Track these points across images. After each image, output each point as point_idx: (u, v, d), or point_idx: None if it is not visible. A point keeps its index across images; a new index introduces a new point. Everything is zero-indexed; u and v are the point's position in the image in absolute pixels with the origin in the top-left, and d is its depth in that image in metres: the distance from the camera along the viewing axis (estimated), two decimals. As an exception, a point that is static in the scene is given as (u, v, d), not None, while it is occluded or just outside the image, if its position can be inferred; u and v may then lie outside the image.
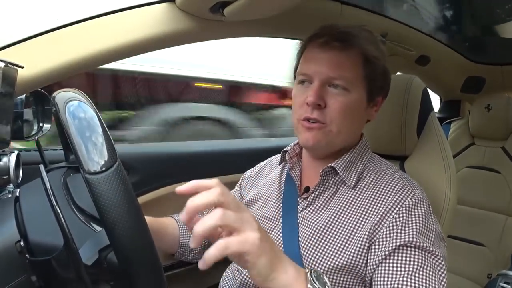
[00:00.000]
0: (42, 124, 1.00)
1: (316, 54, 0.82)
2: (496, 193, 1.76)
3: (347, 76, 0.79)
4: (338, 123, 0.79)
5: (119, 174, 0.48)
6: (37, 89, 0.94)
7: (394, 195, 0.76)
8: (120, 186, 0.47)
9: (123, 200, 0.47)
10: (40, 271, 0.60)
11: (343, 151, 0.86)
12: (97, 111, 0.53)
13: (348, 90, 0.79)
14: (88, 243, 0.56)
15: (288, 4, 0.96)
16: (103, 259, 0.55)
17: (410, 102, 0.99)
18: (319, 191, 0.85)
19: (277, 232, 0.86)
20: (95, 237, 0.57)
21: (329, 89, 0.79)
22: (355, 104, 0.80)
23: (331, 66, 0.79)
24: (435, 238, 0.73)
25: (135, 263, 0.47)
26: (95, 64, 0.90)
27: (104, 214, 0.46)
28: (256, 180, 1.07)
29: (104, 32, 0.88)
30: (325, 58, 0.80)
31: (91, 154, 0.48)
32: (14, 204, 0.65)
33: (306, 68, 0.82)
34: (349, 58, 0.80)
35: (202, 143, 1.74)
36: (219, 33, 1.07)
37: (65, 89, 0.57)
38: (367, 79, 0.81)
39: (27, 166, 0.90)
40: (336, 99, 0.78)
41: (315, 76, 0.80)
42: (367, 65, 0.81)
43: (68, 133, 0.51)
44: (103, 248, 0.56)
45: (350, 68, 0.79)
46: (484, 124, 1.83)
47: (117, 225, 0.46)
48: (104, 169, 0.47)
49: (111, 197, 0.46)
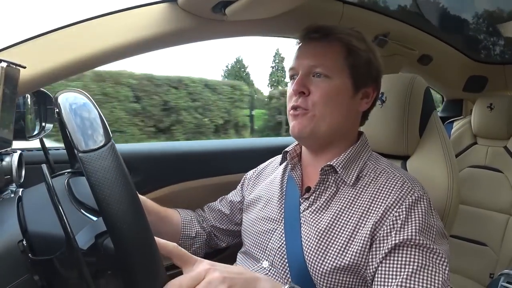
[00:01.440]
0: (44, 123, 1.01)
1: (300, 50, 0.88)
2: (498, 192, 1.76)
3: (328, 64, 0.83)
4: (321, 108, 0.82)
5: (112, 153, 0.48)
6: (39, 89, 0.95)
7: (395, 193, 0.76)
8: (113, 163, 0.48)
9: (115, 177, 0.47)
10: (42, 270, 0.60)
11: (339, 145, 0.87)
12: (97, 107, 0.54)
13: (329, 77, 0.83)
14: (85, 229, 0.57)
15: (290, 4, 0.96)
16: (100, 245, 0.56)
17: (412, 101, 0.99)
18: (320, 190, 0.85)
19: (279, 232, 0.87)
20: (93, 224, 0.58)
21: (312, 78, 0.84)
22: (338, 90, 0.83)
23: (312, 55, 0.85)
24: (436, 235, 0.73)
25: (128, 239, 0.46)
26: (98, 63, 0.90)
27: (96, 190, 0.46)
28: (257, 181, 1.07)
29: (106, 32, 0.88)
30: (307, 50, 0.87)
31: (84, 134, 0.50)
32: (16, 203, 0.66)
33: (292, 63, 0.88)
34: (330, 47, 0.85)
35: (204, 143, 1.74)
36: (220, 33, 1.07)
37: (68, 89, 0.58)
38: (350, 68, 0.84)
39: (30, 166, 0.91)
40: (318, 85, 0.83)
41: (299, 68, 0.85)
42: (350, 55, 0.85)
43: (62, 117, 0.52)
44: (100, 234, 0.56)
45: (331, 56, 0.84)
46: (487, 123, 1.82)
47: (110, 201, 0.46)
48: (97, 147, 0.48)
49: (103, 174, 0.46)
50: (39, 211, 0.63)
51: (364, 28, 0.97)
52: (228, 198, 1.13)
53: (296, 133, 0.85)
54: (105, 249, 0.56)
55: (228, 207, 1.10)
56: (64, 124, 0.52)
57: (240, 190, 1.12)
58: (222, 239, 1.11)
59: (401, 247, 0.70)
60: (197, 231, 1.07)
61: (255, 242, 0.91)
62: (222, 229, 1.10)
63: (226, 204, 1.11)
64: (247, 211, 1.02)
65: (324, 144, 0.87)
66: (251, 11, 0.95)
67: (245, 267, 0.90)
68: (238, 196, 1.10)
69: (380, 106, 1.03)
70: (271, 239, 0.87)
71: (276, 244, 0.85)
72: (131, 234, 0.46)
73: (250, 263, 0.91)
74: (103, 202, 0.46)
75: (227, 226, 1.09)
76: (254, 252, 0.91)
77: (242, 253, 0.98)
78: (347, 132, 0.88)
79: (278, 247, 0.85)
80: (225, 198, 1.14)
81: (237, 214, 1.08)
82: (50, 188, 0.53)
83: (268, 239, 0.88)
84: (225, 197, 1.14)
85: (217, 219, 1.10)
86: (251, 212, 0.99)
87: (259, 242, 0.90)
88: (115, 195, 0.46)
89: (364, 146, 0.90)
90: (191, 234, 1.06)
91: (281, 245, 0.84)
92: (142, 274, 0.48)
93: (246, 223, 0.99)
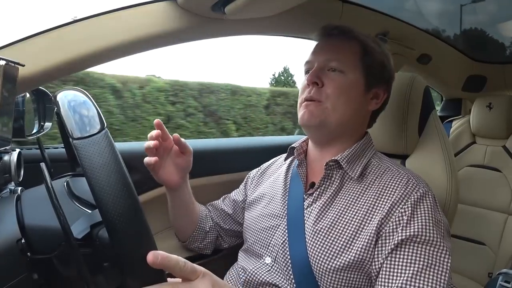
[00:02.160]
0: (43, 122, 1.00)
1: (317, 45, 0.91)
2: (497, 192, 1.76)
3: (344, 60, 0.85)
4: (333, 100, 0.83)
5: (105, 139, 0.49)
6: (38, 87, 0.94)
7: (400, 190, 0.77)
8: (106, 148, 0.48)
9: (108, 162, 0.47)
10: (41, 269, 0.60)
11: (345, 141, 0.88)
12: (94, 102, 0.55)
13: (343, 72, 0.85)
14: (81, 220, 0.58)
15: (290, 3, 0.96)
16: (95, 235, 0.56)
17: (412, 100, 0.99)
18: (325, 186, 0.85)
19: (282, 229, 0.87)
20: (88, 215, 0.59)
21: (327, 72, 0.86)
22: (351, 85, 0.85)
23: (329, 50, 0.88)
24: (444, 230, 0.73)
25: (121, 223, 0.46)
26: (96, 62, 0.90)
27: (89, 174, 0.46)
28: (261, 180, 1.08)
29: (105, 30, 0.88)
30: (324, 45, 0.90)
31: (79, 123, 0.51)
32: (15, 202, 0.65)
33: (308, 57, 0.90)
34: (347, 45, 0.87)
35: (206, 141, 1.73)
36: (220, 31, 1.06)
37: (67, 87, 0.58)
38: (364, 66, 0.86)
39: (29, 164, 0.90)
40: (332, 79, 0.85)
41: (315, 62, 0.88)
42: (366, 55, 0.87)
43: (60, 112, 0.53)
44: (95, 224, 0.57)
45: (347, 53, 0.86)
46: (486, 123, 1.82)
47: (102, 185, 0.46)
48: (91, 134, 0.49)
49: (96, 158, 0.47)
50: (37, 207, 0.64)
51: (364, 27, 0.97)
52: (231, 196, 1.13)
53: (305, 120, 0.85)
54: (101, 240, 0.56)
55: (231, 206, 1.10)
56: (60, 117, 0.53)
57: (243, 189, 1.12)
58: (225, 239, 1.12)
59: (407, 243, 0.70)
60: (210, 226, 1.09)
61: (258, 238, 0.92)
62: (225, 229, 1.10)
63: (229, 203, 1.11)
64: (249, 209, 1.02)
65: (331, 137, 0.88)
66: (251, 9, 0.94)
67: (247, 264, 0.91)
68: (241, 195, 1.11)
69: (380, 105, 1.03)
70: (274, 235, 0.88)
71: (279, 240, 0.86)
72: (124, 218, 0.46)
73: (252, 260, 0.91)
74: (96, 185, 0.46)
75: (230, 226, 1.10)
76: (256, 248, 0.91)
77: (243, 251, 0.99)
78: (354, 128, 0.89)
79: (281, 243, 0.85)
80: (228, 196, 1.15)
81: (239, 214, 1.09)
82: (48, 185, 0.53)
83: (271, 235, 0.89)
84: (228, 196, 1.15)
85: (221, 218, 1.11)
86: (254, 210, 1.00)
87: (261, 238, 0.91)
88: (108, 179, 0.46)
89: (369, 144, 0.91)
90: (205, 228, 1.07)
91: (284, 241, 0.85)
92: (138, 258, 0.47)
93: (248, 221, 0.99)
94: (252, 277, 0.86)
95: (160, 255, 0.46)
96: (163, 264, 0.47)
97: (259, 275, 0.85)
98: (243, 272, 0.89)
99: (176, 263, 0.49)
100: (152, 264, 0.46)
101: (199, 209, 1.08)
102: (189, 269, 0.52)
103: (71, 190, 0.67)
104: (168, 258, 0.48)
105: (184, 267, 0.50)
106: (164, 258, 0.47)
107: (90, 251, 0.56)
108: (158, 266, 0.46)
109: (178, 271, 0.50)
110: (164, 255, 0.47)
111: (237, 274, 0.92)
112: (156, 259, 0.46)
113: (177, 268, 0.49)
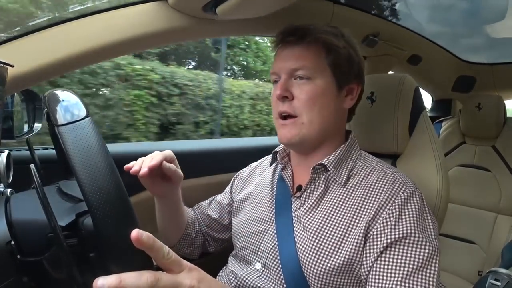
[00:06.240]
0: (32, 123, 0.99)
1: (279, 53, 0.87)
2: (486, 191, 1.78)
3: (308, 66, 0.82)
4: (307, 112, 0.81)
5: (89, 124, 0.50)
6: (27, 88, 0.93)
7: (386, 191, 0.76)
8: (89, 133, 0.49)
9: (91, 145, 0.48)
10: (31, 271, 0.59)
11: (328, 145, 0.87)
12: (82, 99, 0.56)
13: (311, 78, 0.82)
14: (66, 209, 0.59)
15: (281, 4, 0.96)
16: (80, 224, 0.57)
17: (402, 100, 1.00)
18: (311, 188, 0.85)
19: (271, 233, 0.86)
20: (74, 206, 0.60)
21: (294, 81, 0.83)
22: (322, 91, 0.82)
23: (292, 59, 0.83)
24: (432, 229, 0.73)
25: (105, 206, 0.46)
26: (86, 62, 0.89)
27: (72, 159, 0.47)
28: (247, 181, 1.07)
29: (95, 31, 0.87)
30: (286, 54, 0.85)
31: (63, 111, 0.52)
32: (4, 204, 0.65)
33: (273, 67, 0.87)
34: (308, 49, 0.83)
35: (196, 142, 1.73)
36: (211, 32, 1.06)
37: (57, 89, 0.59)
38: (331, 67, 0.84)
39: (18, 165, 0.89)
40: (301, 89, 0.82)
41: (281, 72, 0.84)
42: (330, 54, 0.84)
43: (48, 108, 0.54)
44: (80, 213, 0.58)
45: (310, 57, 0.83)
46: (475, 123, 1.84)
47: (85, 167, 0.46)
48: (74, 120, 0.50)
49: (79, 143, 0.48)
50: (25, 205, 0.64)
51: (355, 28, 0.98)
52: (217, 199, 1.12)
53: (285, 142, 0.85)
54: (86, 228, 0.57)
55: (217, 210, 1.09)
56: (47, 106, 0.55)
57: (229, 192, 1.11)
58: (211, 244, 1.11)
59: (395, 246, 0.70)
60: (197, 231, 1.07)
61: (247, 244, 0.91)
62: (211, 235, 1.09)
63: (215, 206, 1.10)
64: (237, 213, 1.01)
65: (314, 147, 0.87)
66: (242, 10, 0.94)
67: (238, 270, 0.90)
68: (226, 198, 1.09)
69: (370, 105, 1.03)
70: (263, 240, 0.87)
71: (269, 245, 0.85)
72: (107, 201, 0.46)
73: (242, 265, 0.91)
74: (79, 166, 0.46)
75: (215, 232, 1.09)
76: (245, 254, 0.90)
77: (233, 256, 0.98)
78: (335, 131, 0.88)
79: (270, 248, 0.84)
80: (214, 199, 1.13)
81: (225, 217, 1.08)
82: (37, 186, 0.53)
83: (260, 240, 0.88)
84: (215, 198, 1.14)
85: (206, 224, 1.09)
86: (241, 214, 0.99)
87: (250, 244, 0.90)
88: (90, 161, 0.47)
89: (353, 145, 0.90)
90: (191, 234, 1.06)
91: (273, 246, 0.84)
92: (123, 242, 0.46)
93: (236, 226, 0.98)
94: (243, 283, 0.85)
95: (144, 233, 0.45)
96: (147, 244, 0.45)
97: (250, 281, 0.84)
98: (234, 277, 0.89)
99: (160, 247, 0.47)
100: (135, 241, 0.44)
101: (187, 214, 1.06)
102: (173, 258, 0.50)
103: (62, 190, 0.67)
104: (153, 239, 0.46)
105: (167, 255, 0.49)
106: (149, 238, 0.45)
107: (75, 242, 0.56)
108: (141, 244, 0.45)
109: (161, 258, 0.48)
110: (149, 234, 0.45)
111: (227, 279, 0.92)
112: (140, 236, 0.44)
113: (160, 254, 0.47)
